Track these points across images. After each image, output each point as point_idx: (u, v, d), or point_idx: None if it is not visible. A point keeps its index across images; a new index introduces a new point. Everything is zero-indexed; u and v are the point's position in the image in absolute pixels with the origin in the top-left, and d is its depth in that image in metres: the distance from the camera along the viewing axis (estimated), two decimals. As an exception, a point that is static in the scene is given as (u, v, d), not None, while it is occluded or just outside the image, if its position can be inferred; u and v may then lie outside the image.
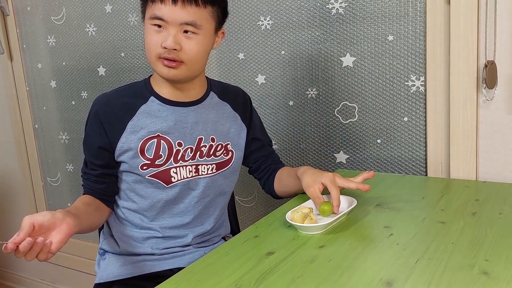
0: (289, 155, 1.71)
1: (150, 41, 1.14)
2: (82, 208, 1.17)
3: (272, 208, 1.76)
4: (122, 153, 1.21)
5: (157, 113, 1.22)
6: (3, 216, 2.73)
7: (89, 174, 1.26)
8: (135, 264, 1.26)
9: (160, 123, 1.22)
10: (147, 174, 1.22)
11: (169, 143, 1.22)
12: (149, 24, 1.14)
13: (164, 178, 1.23)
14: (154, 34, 1.14)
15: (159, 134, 1.21)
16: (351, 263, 0.90)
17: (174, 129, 1.23)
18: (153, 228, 1.27)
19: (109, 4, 2.01)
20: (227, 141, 1.31)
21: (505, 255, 0.88)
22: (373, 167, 1.56)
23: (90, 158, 1.25)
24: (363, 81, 1.53)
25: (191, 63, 1.16)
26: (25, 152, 2.50)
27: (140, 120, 1.21)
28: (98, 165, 1.24)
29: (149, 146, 1.21)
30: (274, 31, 1.66)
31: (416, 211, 1.13)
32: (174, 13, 1.11)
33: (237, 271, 0.91)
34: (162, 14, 1.11)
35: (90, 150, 1.24)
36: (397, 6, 1.44)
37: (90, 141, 1.24)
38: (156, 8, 1.12)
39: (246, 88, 1.74)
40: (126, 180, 1.26)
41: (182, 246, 1.28)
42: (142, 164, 1.21)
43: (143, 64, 1.98)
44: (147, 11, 1.15)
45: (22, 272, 2.76)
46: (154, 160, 1.21)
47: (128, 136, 1.21)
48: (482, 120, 1.35)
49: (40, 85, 2.36)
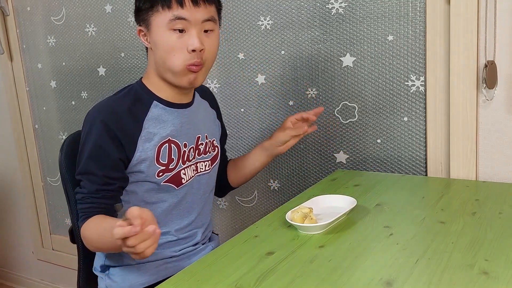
0: (289, 155, 1.71)
1: (173, 48, 1.12)
2: None
3: (272, 208, 1.76)
4: (139, 163, 1.17)
5: (163, 117, 1.22)
6: (3, 216, 2.73)
7: (106, 190, 1.15)
8: (157, 269, 1.25)
9: (169, 127, 1.22)
10: (162, 181, 1.21)
11: (178, 145, 1.23)
12: (168, 30, 1.12)
13: (176, 181, 1.24)
14: (176, 40, 1.12)
15: (169, 138, 1.22)
16: (351, 263, 0.90)
17: (181, 131, 1.24)
18: (167, 233, 1.26)
19: (109, 4, 2.01)
20: (213, 137, 1.36)
21: (505, 255, 0.88)
22: (373, 167, 1.56)
23: (104, 172, 1.14)
24: (363, 81, 1.53)
25: (209, 64, 1.19)
26: (25, 152, 2.50)
27: (151, 127, 1.19)
28: (116, 178, 1.15)
29: (163, 151, 1.20)
30: (274, 31, 1.66)
31: (416, 211, 1.13)
32: (197, 13, 1.12)
33: (237, 271, 0.91)
34: (186, 15, 1.11)
35: (104, 163, 1.14)
36: (397, 6, 1.44)
37: (102, 154, 1.14)
38: (176, 12, 1.11)
39: (246, 88, 1.75)
40: (136, 191, 1.21)
41: (193, 245, 1.30)
42: (158, 171, 1.20)
43: (143, 64, 1.98)
44: (160, 17, 1.12)
45: (22, 272, 2.76)
46: (168, 164, 1.21)
47: (143, 144, 1.18)
48: (482, 120, 1.35)
49: (40, 85, 2.36)
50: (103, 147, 1.14)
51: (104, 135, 1.14)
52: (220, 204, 1.92)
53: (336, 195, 1.21)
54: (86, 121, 1.18)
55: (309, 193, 1.31)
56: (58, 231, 2.52)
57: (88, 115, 1.18)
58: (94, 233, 1.11)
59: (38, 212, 2.55)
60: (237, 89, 1.77)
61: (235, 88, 1.77)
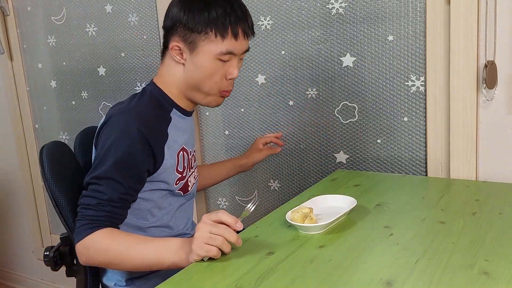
0: (289, 155, 1.71)
1: (214, 75, 1.16)
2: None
3: (272, 208, 1.76)
4: (164, 171, 1.17)
5: (179, 125, 1.24)
6: (3, 216, 2.73)
7: (127, 201, 1.10)
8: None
9: (183, 135, 1.24)
10: (177, 188, 1.23)
11: (188, 153, 1.26)
12: (216, 60, 1.14)
13: (184, 188, 1.26)
14: (220, 68, 1.15)
15: (183, 146, 1.24)
16: (351, 263, 0.90)
17: (190, 139, 1.28)
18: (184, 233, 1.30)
19: (109, 4, 2.01)
20: None
21: (505, 255, 0.88)
22: (373, 167, 1.56)
23: (130, 183, 1.08)
24: (363, 81, 1.53)
25: None
26: (25, 152, 2.50)
27: (174, 135, 1.20)
28: (138, 191, 1.12)
29: (179, 159, 1.22)
30: (274, 31, 1.66)
31: (416, 211, 1.13)
32: (243, 45, 1.16)
33: (237, 271, 0.91)
34: (237, 50, 1.14)
35: (132, 173, 1.09)
36: (397, 6, 1.44)
37: (133, 164, 1.08)
38: (228, 44, 1.12)
39: (246, 88, 1.75)
40: (153, 198, 1.20)
41: None
42: (177, 178, 1.21)
43: (143, 64, 1.98)
44: (211, 45, 1.12)
45: (22, 272, 2.76)
46: (182, 172, 1.23)
47: (168, 152, 1.18)
48: (482, 120, 1.35)
49: (40, 85, 2.36)
50: (135, 156, 1.08)
51: (138, 143, 1.08)
52: (220, 204, 1.92)
53: (336, 195, 1.21)
54: (115, 126, 1.10)
55: (309, 193, 1.31)
56: (58, 231, 2.52)
57: (118, 120, 1.10)
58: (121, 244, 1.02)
59: (38, 212, 2.55)
60: (237, 89, 1.77)
61: (235, 88, 1.77)
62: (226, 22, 1.11)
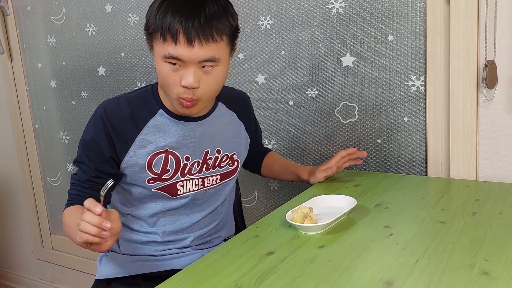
0: (289, 155, 1.71)
1: (167, 78, 1.08)
2: None
3: (272, 208, 1.76)
4: (128, 167, 1.18)
5: (165, 127, 1.19)
6: (3, 216, 2.73)
7: (95, 182, 1.18)
8: (133, 264, 1.26)
9: (169, 138, 1.19)
10: (153, 188, 1.21)
11: (177, 157, 1.21)
12: (165, 62, 1.06)
13: (170, 191, 1.23)
14: (171, 72, 1.06)
15: (167, 149, 1.19)
16: (351, 263, 0.90)
17: (183, 144, 1.21)
18: (153, 233, 1.26)
19: (109, 4, 2.01)
20: (233, 151, 1.30)
21: (505, 255, 0.88)
22: (373, 167, 1.56)
23: (96, 166, 1.17)
24: (363, 81, 1.53)
25: (207, 99, 1.13)
26: (25, 152, 2.50)
27: (149, 135, 1.18)
28: (107, 173, 1.18)
29: (157, 161, 1.19)
30: (274, 31, 1.66)
31: (416, 211, 1.13)
32: (192, 53, 1.03)
33: (237, 271, 0.91)
34: (178, 54, 1.03)
35: (97, 157, 1.17)
36: (397, 6, 1.44)
37: (97, 149, 1.17)
38: (170, 48, 1.04)
39: (246, 88, 1.74)
40: (131, 190, 1.23)
41: (180, 248, 1.28)
42: (148, 178, 1.19)
43: (143, 64, 1.98)
44: (158, 47, 1.07)
45: (22, 272, 2.76)
46: (162, 174, 1.20)
47: (135, 150, 1.18)
48: (482, 120, 1.35)
49: (40, 85, 2.36)
50: (98, 142, 1.17)
51: (101, 132, 1.16)
52: (220, 204, 1.92)
53: (336, 195, 1.21)
54: (95, 111, 1.20)
55: (309, 193, 1.31)
56: (58, 231, 2.52)
57: (99, 106, 1.20)
58: (67, 218, 1.15)
59: (38, 212, 2.55)
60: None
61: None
62: (169, 25, 1.03)
